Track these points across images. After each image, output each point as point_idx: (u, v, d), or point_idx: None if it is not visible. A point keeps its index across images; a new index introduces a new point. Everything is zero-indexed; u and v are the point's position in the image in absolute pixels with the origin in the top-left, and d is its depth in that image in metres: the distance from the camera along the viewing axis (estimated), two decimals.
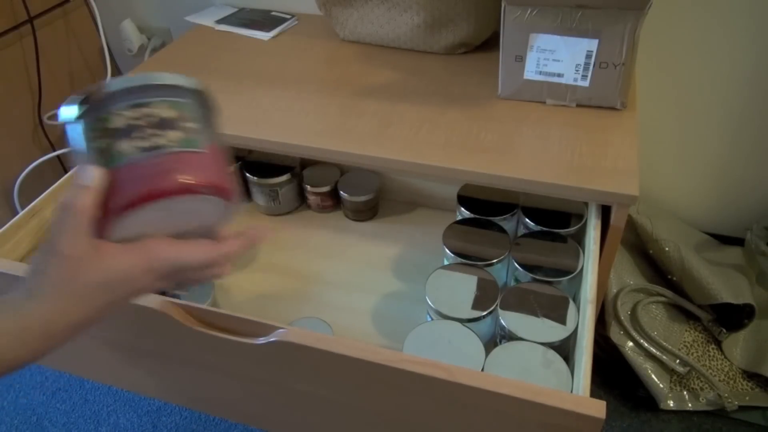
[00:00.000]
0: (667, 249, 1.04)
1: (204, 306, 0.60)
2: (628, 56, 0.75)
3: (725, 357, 1.01)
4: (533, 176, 0.71)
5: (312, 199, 0.99)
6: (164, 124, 0.36)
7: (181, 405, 1.05)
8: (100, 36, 1.28)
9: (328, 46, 1.03)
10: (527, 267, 0.73)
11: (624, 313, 1.01)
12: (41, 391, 1.13)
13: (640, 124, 1.09)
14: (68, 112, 0.36)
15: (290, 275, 0.88)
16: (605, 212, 0.73)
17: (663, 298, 1.04)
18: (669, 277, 1.05)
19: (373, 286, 0.86)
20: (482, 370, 0.62)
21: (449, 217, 0.87)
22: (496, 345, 0.65)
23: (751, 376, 0.99)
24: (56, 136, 1.26)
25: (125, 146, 0.36)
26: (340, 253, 0.92)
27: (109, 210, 0.36)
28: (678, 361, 0.98)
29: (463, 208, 0.83)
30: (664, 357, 0.98)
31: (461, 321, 0.68)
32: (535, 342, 0.64)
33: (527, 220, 0.79)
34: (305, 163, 1.01)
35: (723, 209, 1.18)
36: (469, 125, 0.80)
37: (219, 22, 1.14)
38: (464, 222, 0.81)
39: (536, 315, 0.67)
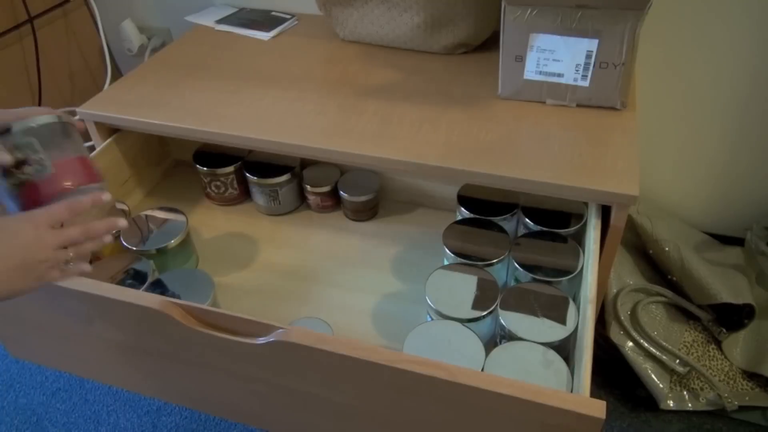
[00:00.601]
0: (667, 249, 1.04)
1: (204, 306, 0.61)
2: (628, 56, 0.75)
3: (725, 357, 1.01)
4: (533, 176, 0.71)
5: (312, 199, 0.99)
6: (19, 164, 0.54)
7: (181, 405, 1.05)
8: (100, 36, 1.28)
9: (328, 46, 1.03)
10: (527, 267, 0.73)
11: (624, 313, 1.01)
12: (41, 391, 1.13)
13: (640, 124, 1.09)
14: None
15: (290, 275, 0.88)
16: (605, 212, 0.73)
17: (663, 298, 1.04)
18: (669, 277, 1.05)
19: (373, 286, 0.86)
20: (482, 370, 0.62)
21: (449, 217, 0.87)
22: (496, 345, 0.65)
23: (751, 376, 0.99)
24: None
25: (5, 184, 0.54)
26: (340, 253, 0.92)
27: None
28: (678, 361, 0.98)
29: (463, 208, 0.83)
30: (664, 357, 0.98)
31: (461, 321, 0.68)
32: (535, 342, 0.64)
33: (527, 220, 0.79)
34: (305, 163, 1.00)
35: (723, 209, 1.18)
36: (469, 125, 0.80)
37: (219, 22, 1.14)
38: (464, 222, 0.81)
39: (536, 315, 0.67)
